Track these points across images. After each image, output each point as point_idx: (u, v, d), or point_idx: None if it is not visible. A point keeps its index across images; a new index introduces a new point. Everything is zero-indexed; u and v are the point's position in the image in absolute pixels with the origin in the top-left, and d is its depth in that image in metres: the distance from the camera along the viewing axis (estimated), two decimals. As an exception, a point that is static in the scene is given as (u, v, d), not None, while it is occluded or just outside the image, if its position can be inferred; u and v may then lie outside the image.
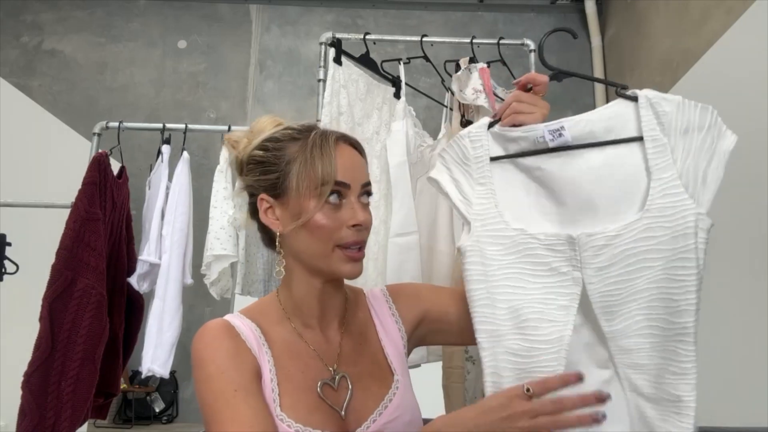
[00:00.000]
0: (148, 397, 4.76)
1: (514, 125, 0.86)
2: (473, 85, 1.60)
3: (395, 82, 1.74)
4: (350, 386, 0.81)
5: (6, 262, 2.04)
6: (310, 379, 0.79)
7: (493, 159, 0.89)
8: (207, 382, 0.73)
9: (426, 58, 1.77)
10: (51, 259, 1.76)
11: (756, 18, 2.25)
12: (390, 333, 0.90)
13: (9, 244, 2.05)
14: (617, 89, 0.85)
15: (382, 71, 1.75)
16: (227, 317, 0.81)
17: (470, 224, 0.87)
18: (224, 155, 1.98)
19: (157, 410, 4.76)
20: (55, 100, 4.53)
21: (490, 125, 0.90)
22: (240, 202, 0.91)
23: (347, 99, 1.58)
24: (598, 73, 4.25)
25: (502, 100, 1.93)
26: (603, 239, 0.80)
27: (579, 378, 0.73)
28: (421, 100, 2.09)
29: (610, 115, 0.83)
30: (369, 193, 0.84)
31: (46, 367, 1.67)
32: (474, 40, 1.80)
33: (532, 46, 1.90)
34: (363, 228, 0.80)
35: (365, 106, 1.64)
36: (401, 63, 1.73)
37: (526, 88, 0.90)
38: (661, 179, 0.79)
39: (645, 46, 3.51)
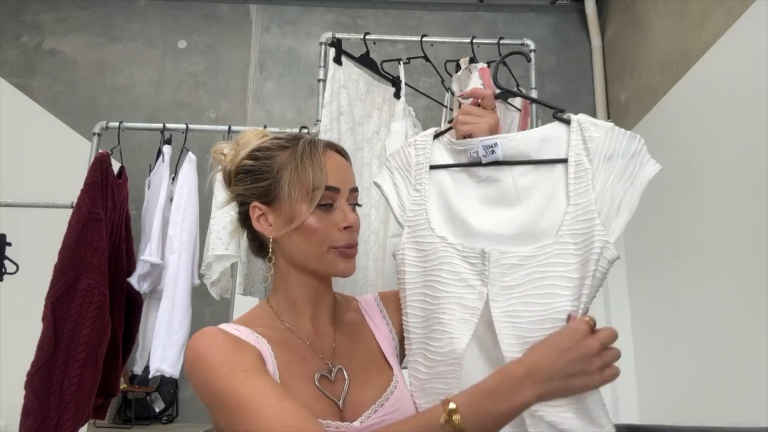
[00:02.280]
0: (148, 397, 4.76)
1: (464, 136, 0.89)
2: (473, 85, 1.60)
3: (395, 82, 1.74)
4: (347, 378, 0.82)
5: (6, 262, 2.04)
6: (308, 370, 0.80)
7: (433, 167, 0.91)
8: (213, 372, 0.71)
9: (426, 58, 1.77)
10: (51, 259, 1.76)
11: (756, 18, 2.25)
12: (384, 335, 0.92)
13: (9, 244, 2.05)
14: (554, 112, 0.86)
15: (382, 71, 1.75)
16: (220, 326, 0.81)
17: (403, 230, 0.90)
18: None
19: (157, 410, 4.75)
20: (55, 100, 4.53)
21: (437, 135, 0.94)
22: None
23: (347, 99, 1.58)
24: (598, 73, 4.25)
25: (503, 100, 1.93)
26: (515, 258, 0.79)
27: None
28: (421, 100, 2.09)
29: (544, 136, 0.84)
30: (356, 202, 0.88)
31: (49, 366, 1.67)
32: (474, 40, 1.80)
33: (532, 46, 1.90)
34: (354, 230, 0.84)
35: (365, 106, 1.64)
36: (401, 63, 1.73)
37: (476, 103, 0.94)
38: (578, 204, 0.78)
39: (645, 46, 3.51)
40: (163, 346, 1.80)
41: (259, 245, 0.90)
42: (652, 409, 3.01)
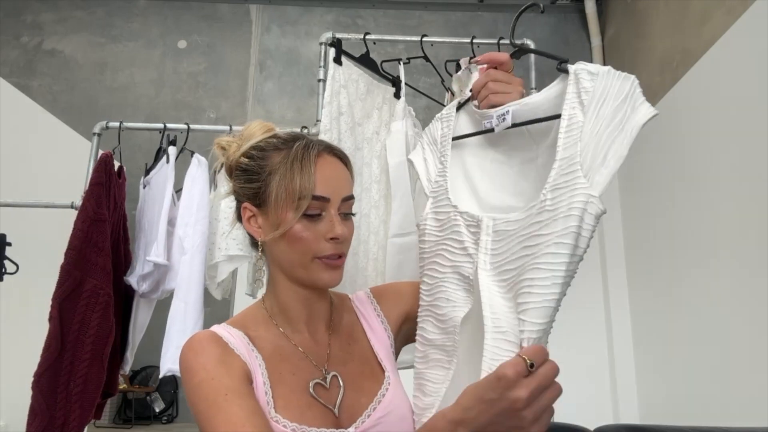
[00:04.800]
0: (148, 397, 4.76)
1: (492, 106, 0.84)
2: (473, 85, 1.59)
3: (395, 82, 1.74)
4: (342, 385, 0.82)
5: (6, 262, 2.04)
6: (302, 380, 0.80)
7: (455, 139, 0.90)
8: (197, 389, 0.73)
9: (426, 58, 1.77)
10: (51, 259, 1.77)
11: (756, 18, 2.26)
12: (377, 333, 0.91)
13: (9, 244, 2.05)
14: (557, 64, 0.78)
15: (382, 71, 1.74)
16: (213, 328, 0.81)
17: (428, 201, 0.89)
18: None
19: (157, 410, 4.76)
20: (55, 100, 4.53)
21: (460, 106, 0.92)
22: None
23: (347, 99, 1.58)
24: (598, 73, 4.26)
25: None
26: (503, 224, 0.75)
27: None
28: (421, 100, 2.09)
29: (553, 94, 0.78)
30: (349, 211, 0.84)
31: (56, 367, 1.68)
32: (474, 40, 1.80)
33: (532, 46, 1.90)
34: (341, 241, 0.81)
35: (365, 106, 1.64)
36: (401, 63, 1.73)
37: (494, 67, 0.90)
38: (564, 159, 0.70)
39: (645, 46, 3.51)
40: (175, 346, 1.79)
41: (252, 240, 0.89)
42: (652, 409, 3.01)
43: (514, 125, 0.81)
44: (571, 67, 0.75)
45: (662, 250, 2.93)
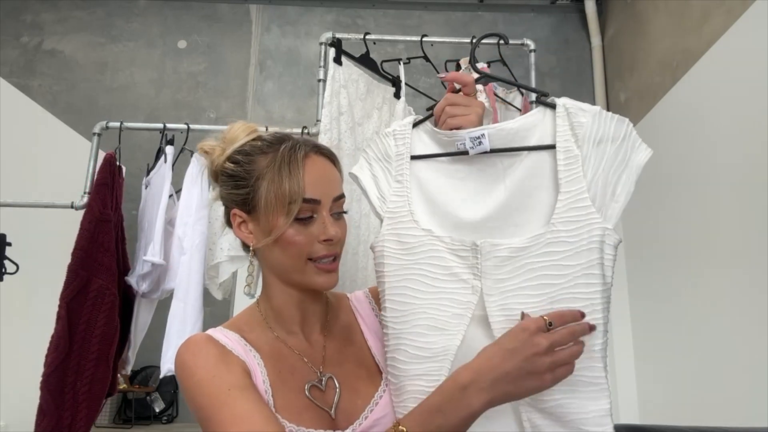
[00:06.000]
0: (148, 397, 4.76)
1: (452, 128, 0.84)
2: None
3: (395, 82, 1.74)
4: (338, 387, 0.81)
5: (6, 262, 2.04)
6: (298, 381, 0.79)
7: (414, 158, 0.87)
8: (198, 387, 0.71)
9: (426, 58, 1.77)
10: (51, 259, 1.77)
11: (756, 18, 2.26)
12: (375, 333, 0.90)
13: (9, 244, 2.05)
14: (538, 96, 0.83)
15: (382, 71, 1.75)
16: (209, 332, 0.80)
17: (382, 221, 0.86)
18: None
19: (157, 410, 4.75)
20: (55, 100, 4.53)
21: (416, 124, 0.90)
22: None
23: (347, 99, 1.58)
24: (598, 73, 4.25)
25: (502, 99, 1.93)
26: (507, 251, 0.77)
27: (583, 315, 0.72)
28: (421, 100, 2.09)
29: (531, 123, 0.81)
30: (341, 210, 0.84)
31: (64, 366, 1.70)
32: (474, 40, 1.80)
33: (532, 46, 1.90)
34: (334, 242, 0.80)
35: (365, 106, 1.64)
36: (401, 63, 1.73)
37: (455, 89, 0.90)
38: (569, 192, 0.75)
39: (645, 46, 3.51)
40: (175, 346, 1.78)
41: (244, 243, 0.87)
42: (652, 409, 3.01)
43: (494, 150, 0.81)
44: (559, 101, 0.80)
45: (662, 250, 2.93)
